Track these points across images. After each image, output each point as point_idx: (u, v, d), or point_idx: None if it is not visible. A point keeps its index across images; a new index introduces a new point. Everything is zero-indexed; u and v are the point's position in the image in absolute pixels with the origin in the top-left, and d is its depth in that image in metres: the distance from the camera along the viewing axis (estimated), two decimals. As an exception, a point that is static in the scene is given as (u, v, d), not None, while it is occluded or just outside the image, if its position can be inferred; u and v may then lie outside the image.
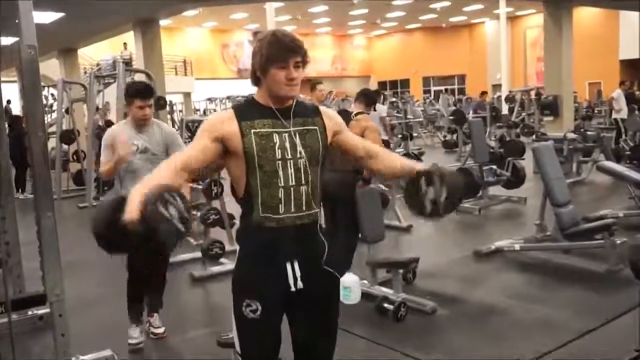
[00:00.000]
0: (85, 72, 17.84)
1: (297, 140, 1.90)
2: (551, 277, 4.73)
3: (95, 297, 4.85)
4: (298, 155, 1.88)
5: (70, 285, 3.16)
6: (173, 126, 13.15)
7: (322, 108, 2.05)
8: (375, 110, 6.27)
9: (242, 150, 1.85)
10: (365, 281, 4.27)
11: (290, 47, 1.84)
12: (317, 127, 1.96)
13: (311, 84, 6.23)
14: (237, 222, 5.97)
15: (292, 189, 1.88)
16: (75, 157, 11.34)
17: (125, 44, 18.39)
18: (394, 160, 2.11)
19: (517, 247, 5.29)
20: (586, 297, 4.24)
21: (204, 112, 21.79)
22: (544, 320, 3.80)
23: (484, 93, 16.26)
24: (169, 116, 13.22)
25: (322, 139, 1.95)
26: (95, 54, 19.76)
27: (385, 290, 4.19)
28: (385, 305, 3.95)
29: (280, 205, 1.87)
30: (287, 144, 1.88)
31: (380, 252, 4.55)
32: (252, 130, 1.86)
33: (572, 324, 3.68)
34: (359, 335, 3.70)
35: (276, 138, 1.87)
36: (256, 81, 1.92)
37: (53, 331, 2.88)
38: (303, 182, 1.89)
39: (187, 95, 23.74)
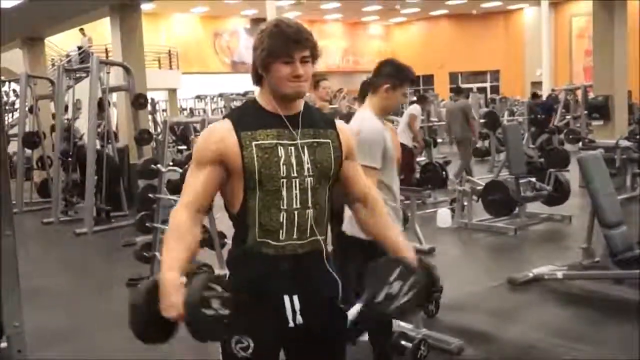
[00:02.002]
0: (53, 65, 17.97)
1: (305, 155, 1.89)
2: (600, 311, 4.70)
3: (64, 331, 4.86)
4: (305, 173, 1.88)
5: (32, 316, 3.17)
6: (155, 129, 13.25)
7: (337, 122, 2.04)
8: None
9: (241, 166, 1.84)
10: (379, 314, 4.26)
11: (295, 39, 1.84)
12: (329, 141, 1.95)
13: (314, 80, 6.23)
14: (229, 242, 6.02)
15: (295, 212, 1.88)
16: (40, 164, 11.42)
17: (82, 29, 18.37)
18: (386, 225, 2.08)
19: (559, 275, 5.26)
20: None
21: (192, 112, 21.87)
22: (591, 363, 3.79)
23: (535, 95, 15.87)
24: (150, 117, 13.28)
25: (336, 155, 1.95)
26: (65, 43, 19.89)
27: (403, 325, 4.17)
28: (403, 342, 3.92)
29: (281, 231, 1.87)
30: (293, 159, 1.87)
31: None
32: (254, 142, 1.85)
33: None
34: (371, 378, 3.69)
35: (281, 151, 1.86)
36: (258, 80, 1.93)
37: (10, 370, 2.88)
38: (309, 204, 1.90)
39: (172, 92, 23.87)
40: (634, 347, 3.99)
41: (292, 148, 1.88)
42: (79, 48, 17.97)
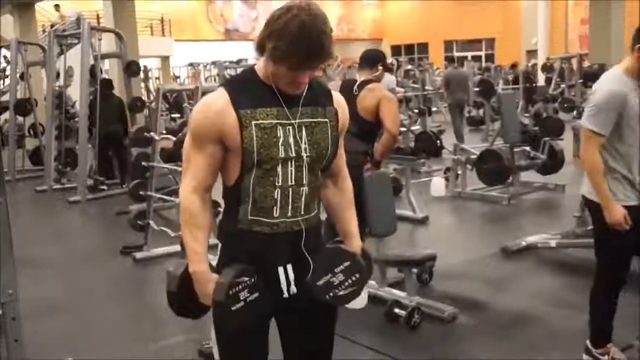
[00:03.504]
0: (44, 31, 17.75)
1: (303, 135, 1.86)
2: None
3: (57, 299, 4.87)
4: (302, 153, 1.85)
5: (26, 286, 3.17)
6: (147, 97, 13.14)
7: (336, 95, 1.99)
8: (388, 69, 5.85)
9: (239, 146, 1.80)
10: (373, 282, 4.28)
11: (315, 55, 1.75)
12: (327, 120, 1.92)
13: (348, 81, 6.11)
14: (222, 210, 6.02)
15: (290, 189, 1.86)
16: (32, 132, 11.33)
17: (57, 6, 18.20)
18: (345, 210, 2.08)
19: (552, 243, 5.30)
20: (634, 303, 4.24)
21: (184, 80, 21.73)
22: (584, 330, 3.80)
23: (514, 66, 15.86)
24: (142, 84, 13.16)
25: (333, 135, 1.92)
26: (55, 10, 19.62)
27: (396, 293, 4.21)
28: (397, 310, 3.97)
29: (275, 208, 1.86)
30: (291, 139, 1.84)
31: (391, 247, 4.56)
32: (253, 122, 1.80)
33: (617, 335, 3.67)
34: (366, 346, 3.72)
35: (280, 132, 1.82)
36: (262, 51, 1.81)
37: (5, 337, 2.89)
38: (304, 182, 1.88)
39: (164, 59, 23.67)
40: (627, 314, 4.02)
41: (290, 128, 1.84)
42: (52, 26, 17.75)
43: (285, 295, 1.92)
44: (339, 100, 1.99)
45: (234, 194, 1.88)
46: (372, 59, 4.78)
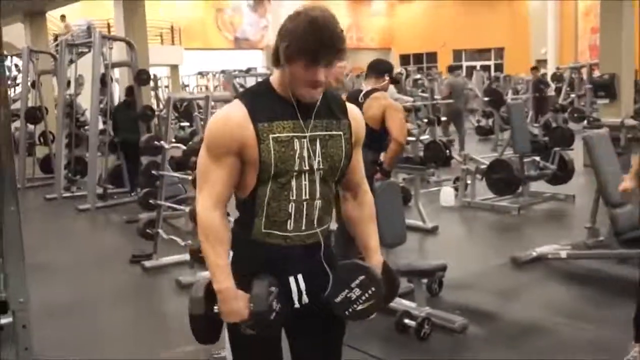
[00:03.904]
0: (55, 39, 17.87)
1: (317, 148, 1.86)
2: (604, 290, 4.71)
3: (67, 307, 4.88)
4: (316, 166, 1.86)
5: (36, 292, 3.18)
6: (157, 105, 13.18)
7: (350, 107, 2.00)
8: (394, 81, 5.79)
9: (257, 159, 1.81)
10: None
11: (327, 46, 1.75)
12: (341, 133, 1.92)
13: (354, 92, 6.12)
14: (230, 219, 6.03)
15: (304, 203, 1.87)
16: (42, 140, 11.38)
17: (63, 16, 18.36)
18: (367, 225, 2.08)
19: (563, 254, 5.27)
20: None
21: (194, 89, 21.80)
22: (595, 343, 3.80)
23: (535, 69, 15.60)
24: (152, 93, 13.22)
25: (347, 148, 1.92)
26: (67, 18, 19.77)
27: (406, 304, 4.19)
28: (407, 321, 3.95)
29: (289, 221, 1.87)
30: (305, 152, 1.84)
31: (401, 257, 4.55)
32: (271, 135, 1.81)
33: (629, 347, 3.66)
34: (375, 356, 3.71)
35: (296, 145, 1.83)
36: (277, 62, 1.83)
37: (15, 345, 2.89)
38: (317, 196, 1.89)
39: (174, 68, 23.75)
40: (625, 321, 3.99)
41: (305, 140, 1.84)
42: (56, 37, 17.82)
43: (297, 305, 1.93)
44: (353, 112, 1.99)
45: (248, 206, 1.88)
46: (379, 69, 4.82)
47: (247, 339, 1.91)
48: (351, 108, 2.00)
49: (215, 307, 1.86)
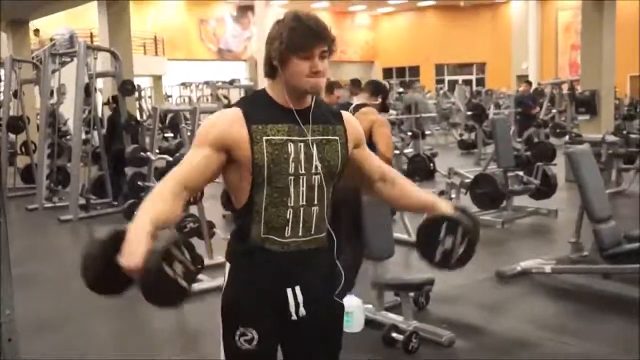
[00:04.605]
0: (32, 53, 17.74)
1: (314, 152, 1.88)
2: (588, 305, 4.75)
3: (51, 319, 4.82)
4: (313, 171, 1.87)
5: (19, 304, 3.14)
6: (141, 116, 13.13)
7: (344, 114, 2.04)
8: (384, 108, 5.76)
9: (250, 161, 1.82)
10: (370, 305, 4.28)
11: (315, 33, 1.82)
12: (337, 138, 1.94)
13: (329, 84, 6.14)
14: (217, 231, 6.00)
15: (301, 209, 1.87)
16: (24, 149, 11.29)
17: (36, 30, 18.28)
18: (412, 190, 2.12)
19: (547, 269, 5.29)
20: (630, 330, 4.25)
21: (176, 100, 21.74)
22: (581, 357, 3.82)
23: (528, 82, 15.42)
24: (137, 103, 13.16)
25: (343, 152, 1.94)
26: (49, 27, 19.65)
27: (393, 317, 4.19)
28: (394, 335, 3.95)
29: (286, 228, 1.87)
30: (302, 156, 1.86)
31: (387, 271, 4.55)
32: (264, 138, 1.83)
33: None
34: (363, 370, 3.70)
35: (291, 148, 1.85)
36: (271, 72, 1.88)
37: (2, 357, 2.86)
38: (315, 201, 1.89)
39: (157, 78, 23.68)
40: (623, 340, 4.04)
41: (302, 145, 1.86)
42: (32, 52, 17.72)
43: (294, 317, 1.92)
44: (347, 117, 2.03)
45: (246, 214, 1.88)
46: (376, 89, 4.97)
47: (242, 353, 1.89)
48: (345, 114, 2.04)
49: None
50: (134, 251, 1.60)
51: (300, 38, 1.80)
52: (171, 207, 1.77)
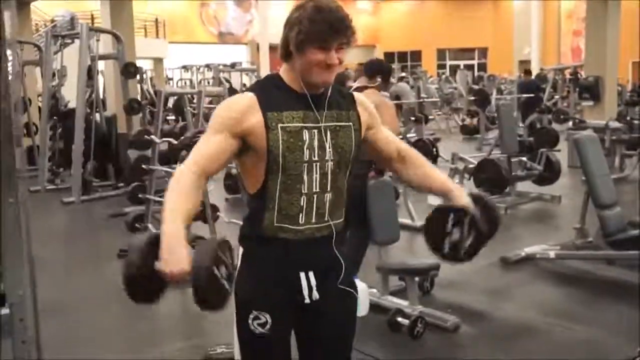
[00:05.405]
0: (37, 30, 17.67)
1: (328, 139, 1.87)
2: (593, 291, 4.77)
3: (53, 302, 4.82)
4: (327, 157, 1.86)
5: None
6: (142, 98, 13.08)
7: (357, 97, 2.02)
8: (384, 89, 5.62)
9: (265, 148, 1.81)
10: (375, 290, 4.29)
11: (336, 28, 1.78)
12: (351, 123, 1.93)
13: (338, 75, 6.07)
14: (222, 215, 6.00)
15: (315, 196, 1.87)
16: (25, 131, 11.25)
17: None
18: (430, 171, 2.12)
19: (552, 254, 5.32)
20: (633, 316, 4.27)
21: (177, 83, 21.68)
22: (586, 343, 3.84)
23: (528, 72, 15.53)
24: (138, 86, 13.12)
25: (356, 137, 1.94)
26: (48, 8, 19.56)
27: (398, 302, 4.21)
28: (400, 319, 3.96)
29: (300, 215, 1.86)
30: (316, 143, 1.85)
31: (391, 256, 4.57)
32: (280, 125, 1.81)
33: (618, 348, 3.71)
34: (368, 354, 3.70)
35: (306, 135, 1.84)
36: (287, 56, 1.86)
37: (12, 338, 2.87)
38: (328, 188, 1.89)
39: (158, 61, 23.60)
40: (628, 326, 4.05)
41: (316, 131, 1.85)
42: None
43: (307, 300, 1.92)
44: (361, 100, 2.02)
45: (259, 200, 1.88)
46: (373, 70, 4.81)
47: (256, 338, 1.90)
48: (358, 96, 2.02)
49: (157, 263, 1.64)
50: (179, 258, 1.63)
51: (321, 31, 1.76)
52: (195, 203, 1.81)
